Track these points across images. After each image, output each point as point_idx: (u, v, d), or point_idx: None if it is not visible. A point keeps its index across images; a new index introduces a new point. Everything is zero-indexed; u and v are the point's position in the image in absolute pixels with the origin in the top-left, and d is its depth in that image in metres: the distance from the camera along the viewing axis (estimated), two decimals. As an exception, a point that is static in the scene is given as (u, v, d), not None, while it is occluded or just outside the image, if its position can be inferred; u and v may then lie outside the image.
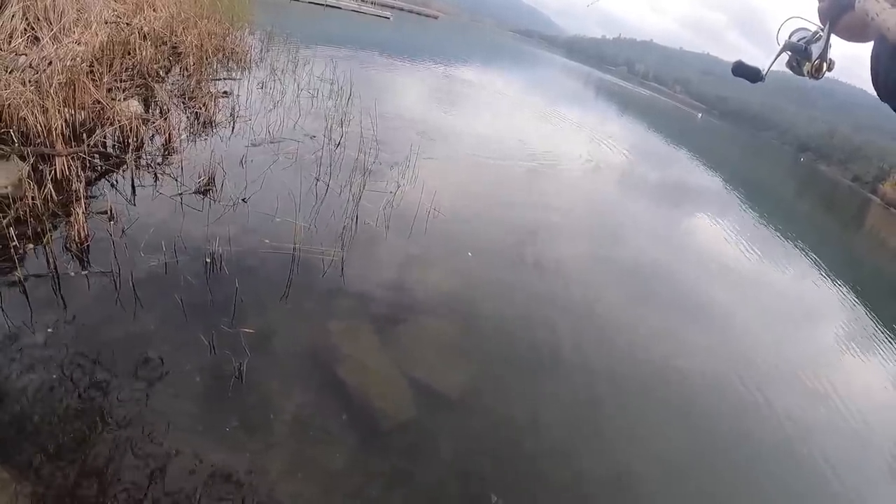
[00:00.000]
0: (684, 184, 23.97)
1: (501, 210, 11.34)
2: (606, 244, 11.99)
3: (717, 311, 10.58)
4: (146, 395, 4.44)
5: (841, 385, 9.28)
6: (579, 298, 8.82)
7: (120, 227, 6.41)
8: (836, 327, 13.01)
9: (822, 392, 8.91)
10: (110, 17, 12.23)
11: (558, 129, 24.68)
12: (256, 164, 9.05)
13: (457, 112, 19.78)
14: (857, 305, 14.86)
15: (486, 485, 4.87)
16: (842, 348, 11.56)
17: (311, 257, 7.02)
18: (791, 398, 8.31)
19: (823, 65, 1.65)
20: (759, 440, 7.02)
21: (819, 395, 8.76)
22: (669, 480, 5.81)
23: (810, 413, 8.21)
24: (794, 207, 33.91)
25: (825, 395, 8.85)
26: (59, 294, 5.20)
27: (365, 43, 30.50)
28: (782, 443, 7.21)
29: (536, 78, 55.06)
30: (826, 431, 7.93)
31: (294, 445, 4.57)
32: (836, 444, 7.72)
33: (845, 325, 13.31)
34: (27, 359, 4.40)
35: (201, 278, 6.04)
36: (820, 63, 1.63)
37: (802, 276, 16.27)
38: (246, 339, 5.27)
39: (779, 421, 7.59)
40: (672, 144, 38.23)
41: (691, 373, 7.84)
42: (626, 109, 53.51)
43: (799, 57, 1.71)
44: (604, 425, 6.26)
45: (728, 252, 15.46)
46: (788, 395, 8.38)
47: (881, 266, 26.94)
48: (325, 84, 15.61)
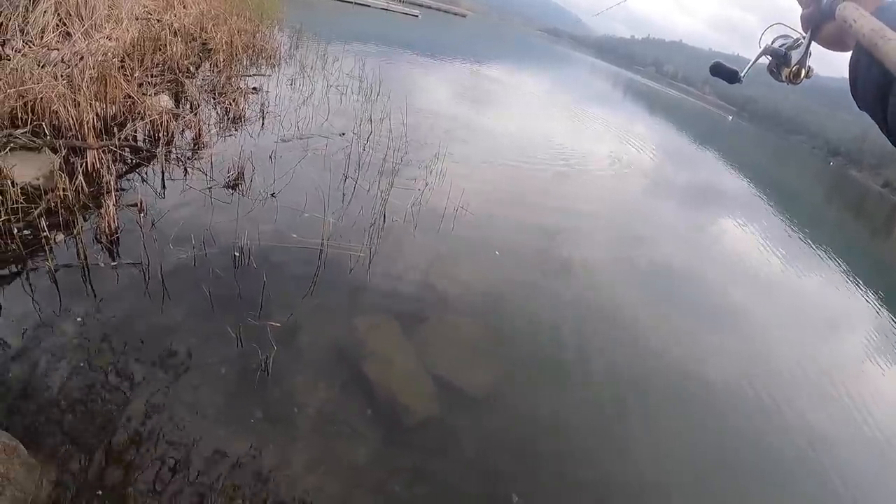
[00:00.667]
0: (711, 187, 23.77)
1: (529, 210, 11.30)
2: (633, 247, 11.91)
3: (742, 316, 10.48)
4: (173, 386, 4.47)
5: (865, 395, 9.16)
6: (605, 301, 8.77)
7: (150, 219, 6.46)
8: (863, 336, 12.84)
9: (847, 402, 8.81)
10: (141, 13, 12.34)
11: (587, 129, 24.60)
12: (285, 160, 9.08)
13: (485, 111, 19.76)
14: (883, 314, 14.67)
15: (508, 485, 4.85)
16: (867, 358, 11.41)
17: (338, 253, 7.03)
18: (815, 406, 8.23)
19: (802, 71, 1.61)
20: (781, 448, 6.95)
21: (843, 405, 8.66)
22: (691, 487, 5.77)
23: (834, 423, 8.12)
24: (823, 213, 33.52)
25: (849, 405, 8.75)
26: (88, 284, 5.25)
27: (394, 41, 30.54)
28: (804, 451, 7.13)
29: (565, 77, 54.98)
30: (848, 442, 7.84)
31: (317, 439, 4.58)
32: (858, 456, 7.63)
33: (872, 334, 13.13)
34: (57, 348, 4.45)
35: (229, 271, 6.07)
36: (798, 69, 1.60)
37: (829, 282, 16.09)
38: (273, 333, 5.27)
39: (802, 429, 7.52)
40: (700, 146, 38.00)
41: (715, 378, 7.78)
42: (654, 110, 53.31)
43: (778, 62, 1.69)
44: (627, 429, 6.22)
45: (755, 257, 15.31)
46: (812, 403, 8.30)
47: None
48: (353, 81, 15.66)
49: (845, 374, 10.17)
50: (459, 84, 24.35)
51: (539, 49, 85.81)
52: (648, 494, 5.43)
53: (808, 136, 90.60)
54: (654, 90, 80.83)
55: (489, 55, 45.58)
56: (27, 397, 4.01)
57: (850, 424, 8.29)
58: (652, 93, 76.35)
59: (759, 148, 61.70)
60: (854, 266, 18.54)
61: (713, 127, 63.11)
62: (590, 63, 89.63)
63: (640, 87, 77.96)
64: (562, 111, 27.02)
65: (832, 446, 7.49)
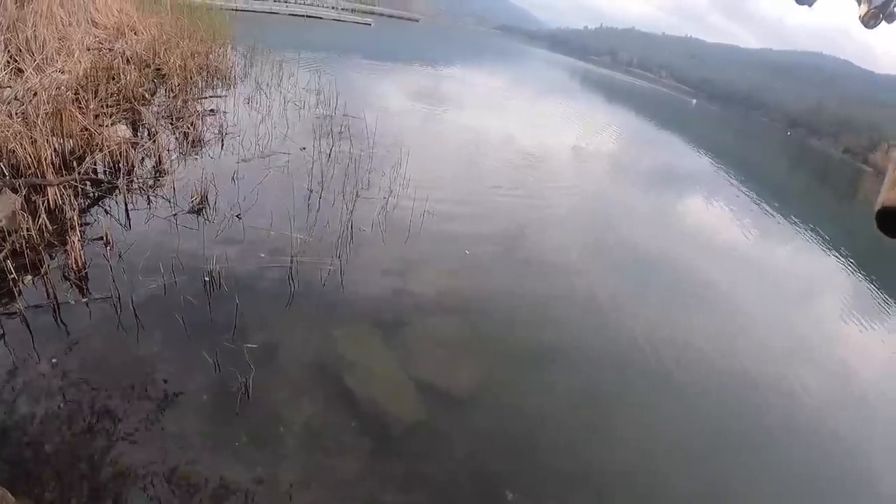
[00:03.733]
0: (677, 168, 24.01)
1: (496, 205, 11.36)
2: (603, 232, 12.00)
3: (719, 292, 10.60)
4: (154, 417, 4.46)
5: (849, 356, 9.33)
6: (580, 289, 8.84)
7: (116, 252, 6.42)
8: (838, 297, 13.07)
9: (830, 365, 8.96)
10: (92, 43, 12.25)
11: (548, 121, 24.77)
12: (248, 180, 9.06)
13: (446, 111, 19.82)
14: (858, 275, 14.90)
15: (501, 482, 4.90)
16: (847, 320, 11.60)
17: (309, 268, 7.04)
18: (800, 373, 8.34)
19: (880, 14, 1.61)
20: (770, 419, 7.05)
21: (827, 368, 8.81)
22: (683, 466, 5.83)
23: (820, 388, 8.24)
24: (789, 183, 33.96)
25: (833, 368, 8.91)
26: (60, 323, 5.21)
27: (348, 50, 30.51)
28: (794, 419, 7.25)
29: (521, 72, 55.10)
30: (835, 404, 7.98)
31: (305, 456, 4.59)
32: (848, 416, 7.76)
33: (849, 296, 13.36)
34: (33, 390, 4.42)
35: (201, 297, 6.05)
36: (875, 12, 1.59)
37: (802, 250, 16.34)
38: (250, 355, 5.28)
39: (789, 398, 7.63)
40: (663, 130, 38.34)
41: (697, 357, 7.86)
42: (613, 98, 53.61)
43: None
44: (613, 415, 6.28)
45: (725, 231, 15.52)
46: (797, 370, 8.41)
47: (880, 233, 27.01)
48: (311, 94, 15.61)
49: (825, 335, 10.38)
50: (417, 87, 24.38)
51: (494, 46, 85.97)
52: (641, 479, 5.49)
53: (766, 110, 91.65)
54: (611, 78, 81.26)
55: (445, 56, 45.62)
56: (9, 443, 3.98)
57: (833, 384, 8.44)
58: (610, 81, 76.73)
59: (720, 127, 62.23)
60: (823, 230, 18.83)
61: (675, 111, 63.57)
62: (545, 57, 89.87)
63: (598, 76, 78.42)
64: (521, 106, 27.19)
65: (821, 411, 7.61)
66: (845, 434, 7.36)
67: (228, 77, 15.77)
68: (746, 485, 5.95)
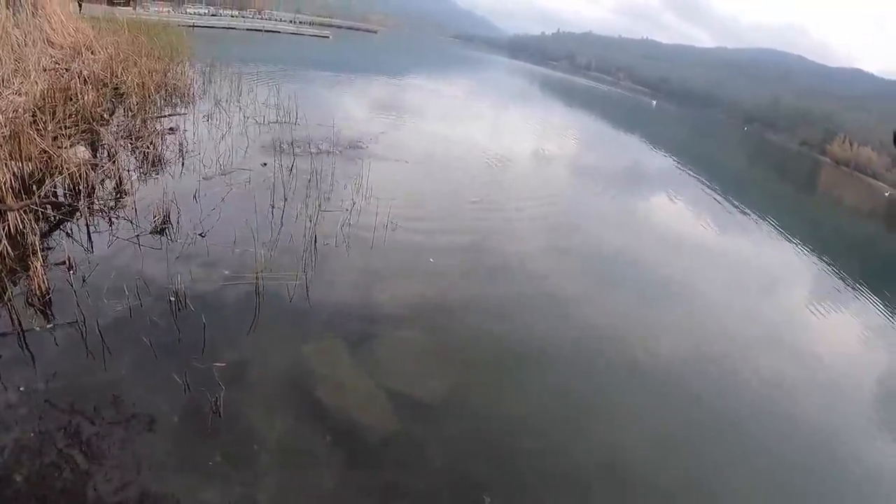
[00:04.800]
0: (639, 168, 24.24)
1: (459, 213, 11.42)
2: (569, 234, 12.10)
3: (685, 286, 10.74)
4: (126, 441, 4.44)
5: (815, 340, 9.52)
6: (547, 291, 8.92)
7: (80, 275, 6.38)
8: (804, 287, 13.33)
9: (798, 350, 9.15)
10: (48, 63, 12.17)
11: (508, 127, 24.93)
12: (210, 198, 9.04)
13: (405, 121, 19.86)
14: (820, 263, 15.18)
15: (478, 487, 4.93)
16: (811, 306, 11.82)
17: (275, 284, 7.03)
18: (768, 360, 8.51)
19: None
20: (742, 405, 7.17)
21: (795, 354, 8.99)
22: (659, 457, 5.90)
23: (788, 372, 8.39)
24: (748, 177, 34.40)
25: (800, 353, 9.08)
26: (26, 350, 5.17)
27: (307, 64, 30.50)
28: (765, 404, 7.38)
29: (481, 80, 55.30)
30: (804, 388, 8.14)
31: (281, 473, 4.59)
32: (817, 399, 7.92)
33: (812, 284, 13.62)
34: (1, 420, 4.38)
35: (167, 318, 6.03)
36: None
37: (764, 242, 16.61)
38: (219, 373, 5.28)
39: (759, 384, 7.77)
40: (622, 131, 38.67)
41: (666, 350, 7.96)
42: (572, 102, 53.93)
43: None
44: (587, 413, 6.36)
45: (689, 228, 15.73)
46: (763, 358, 8.56)
47: (839, 222, 27.51)
48: (271, 109, 15.58)
49: (791, 322, 10.58)
50: (377, 98, 24.41)
51: (453, 55, 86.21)
52: (617, 473, 5.56)
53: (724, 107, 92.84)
54: (570, 82, 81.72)
55: (404, 67, 45.76)
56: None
57: (801, 368, 8.60)
58: (569, 85, 77.14)
59: (678, 125, 62.77)
60: (785, 222, 19.08)
61: (635, 112, 64.08)
62: (504, 63, 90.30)
63: (557, 80, 78.87)
64: (482, 113, 27.31)
65: (790, 395, 7.75)
66: (816, 417, 7.53)
67: (187, 94, 15.71)
68: (721, 471, 6.07)
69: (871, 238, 24.86)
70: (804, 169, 49.65)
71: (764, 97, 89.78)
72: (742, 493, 5.85)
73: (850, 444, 7.21)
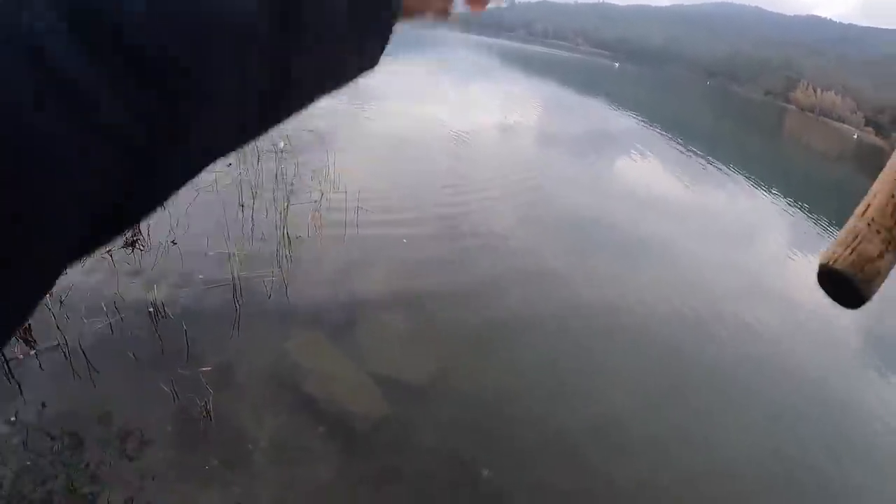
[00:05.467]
0: (606, 130, 24.24)
1: (429, 191, 11.45)
2: (542, 203, 12.15)
3: (662, 245, 10.84)
4: (122, 456, 4.48)
5: (797, 287, 9.62)
6: (526, 261, 9.00)
7: (57, 298, 6.36)
8: (781, 234, 13.47)
9: (778, 297, 9.26)
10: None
11: (470, 102, 24.81)
12: (178, 204, 8.93)
13: (366, 106, 19.69)
14: (794, 209, 15.33)
15: (475, 462, 5.02)
16: (788, 253, 11.98)
17: (252, 283, 7.07)
18: (748, 309, 8.61)
19: None
20: (729, 355, 7.31)
21: (775, 301, 9.10)
22: (649, 412, 6.03)
23: (769, 319, 8.52)
24: (715, 130, 34.53)
25: (781, 300, 9.21)
26: (12, 380, 5.18)
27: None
28: (750, 353, 7.51)
29: (438, 58, 54.60)
30: (788, 333, 8.26)
31: (278, 469, 4.66)
32: (801, 344, 8.06)
33: (788, 231, 13.77)
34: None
35: (149, 330, 6.04)
36: None
37: (737, 193, 16.77)
38: (206, 378, 5.32)
39: (741, 332, 7.91)
40: (586, 95, 38.64)
41: (648, 309, 8.07)
42: (532, 71, 53.58)
43: None
44: (575, 378, 6.45)
45: (662, 185, 15.86)
46: (745, 306, 8.68)
47: (810, 167, 27.72)
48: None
49: (772, 269, 10.69)
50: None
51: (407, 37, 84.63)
52: (610, 433, 5.67)
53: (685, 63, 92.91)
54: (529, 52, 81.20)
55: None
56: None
57: (784, 314, 8.72)
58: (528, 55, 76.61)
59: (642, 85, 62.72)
60: (756, 171, 19.28)
61: (598, 75, 63.90)
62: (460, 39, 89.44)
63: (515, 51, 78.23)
64: (442, 91, 27.20)
65: (775, 345, 7.88)
66: (803, 362, 7.68)
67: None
68: (713, 420, 6.20)
69: (842, 180, 25.09)
70: (770, 118, 50.06)
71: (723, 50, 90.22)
72: (734, 438, 5.99)
73: (840, 388, 7.36)
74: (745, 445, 6.01)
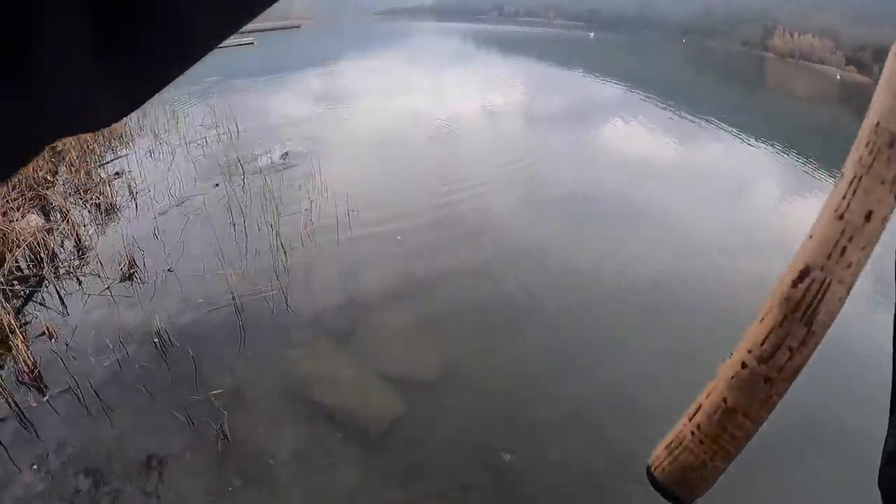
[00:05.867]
0: (586, 101, 24.04)
1: (418, 185, 11.47)
2: (534, 183, 12.12)
3: (658, 209, 10.77)
4: (146, 490, 4.52)
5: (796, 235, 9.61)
6: (523, 243, 8.99)
7: (62, 341, 6.42)
8: (776, 184, 13.43)
9: (781, 248, 9.20)
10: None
11: (449, 90, 24.76)
12: (170, 232, 9.05)
13: (347, 108, 19.65)
14: (787, 156, 15.31)
15: (495, 447, 5.05)
16: (786, 201, 11.97)
17: (252, 301, 7.11)
18: (759, 261, 8.56)
19: None
20: (734, 309, 7.23)
21: (778, 251, 9.04)
22: (664, 378, 5.97)
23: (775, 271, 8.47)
24: (697, 88, 34.25)
25: (784, 250, 9.15)
26: (29, 429, 5.23)
27: (236, 76, 30.03)
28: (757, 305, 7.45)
29: (412, 49, 54.44)
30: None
31: (302, 480, 4.70)
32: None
33: (785, 178, 13.74)
34: (24, 502, 4.46)
35: (156, 360, 6.09)
36: None
37: (727, 148, 16.67)
38: (218, 401, 5.37)
39: (746, 286, 7.85)
40: (564, 68, 38.34)
41: (652, 275, 8.04)
42: (509, 51, 53.20)
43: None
44: (585, 352, 6.46)
45: (652, 150, 15.77)
46: (752, 262, 8.61)
47: (797, 112, 27.57)
48: (210, 130, 15.47)
49: (770, 221, 10.64)
50: (312, 92, 24.03)
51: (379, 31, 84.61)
52: (629, 405, 5.64)
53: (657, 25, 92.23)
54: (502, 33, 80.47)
55: (333, 54, 44.91)
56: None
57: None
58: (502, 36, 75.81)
59: (618, 52, 62.09)
60: (743, 123, 19.15)
61: (574, 47, 63.36)
62: (433, 28, 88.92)
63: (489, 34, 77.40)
64: (419, 81, 27.09)
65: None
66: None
67: (125, 135, 15.55)
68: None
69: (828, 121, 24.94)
70: (751, 68, 49.43)
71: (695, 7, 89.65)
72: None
73: (861, 346, 7.26)
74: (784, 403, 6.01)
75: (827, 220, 0.56)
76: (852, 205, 0.54)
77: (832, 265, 0.54)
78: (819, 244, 0.56)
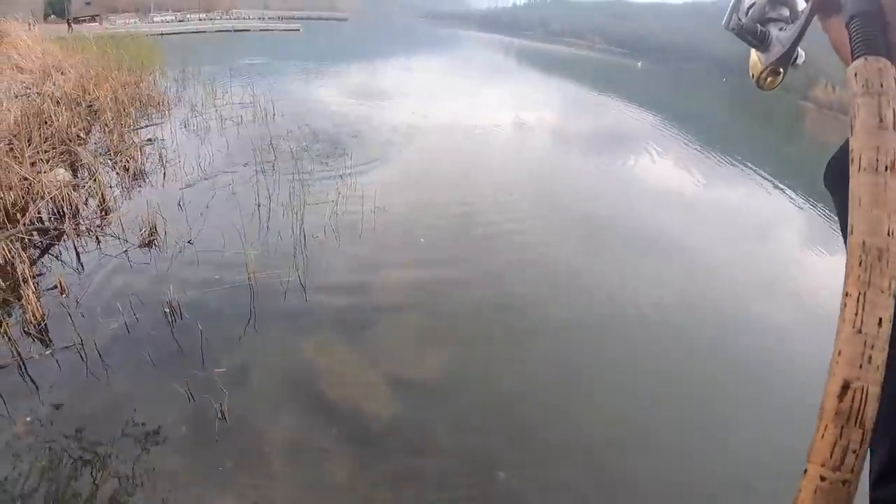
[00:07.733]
0: (623, 129, 23.96)
1: (444, 192, 11.38)
2: (560, 200, 12.04)
3: (680, 242, 10.66)
4: (137, 458, 4.47)
5: (815, 285, 9.48)
6: (539, 258, 8.92)
7: (73, 298, 6.40)
8: (799, 231, 13.28)
9: (796, 294, 9.09)
10: (19, 89, 12.14)
11: (488, 102, 24.66)
12: (195, 204, 9.04)
13: (384, 106, 19.69)
14: (814, 206, 15.14)
15: (490, 463, 4.94)
16: (808, 250, 11.82)
17: (268, 283, 7.06)
18: (766, 306, 8.45)
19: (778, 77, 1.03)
20: (743, 351, 7.12)
21: (793, 298, 8.93)
22: (664, 410, 5.88)
23: (788, 315, 8.37)
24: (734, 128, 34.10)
25: (799, 296, 9.03)
26: (28, 380, 5.20)
27: (280, 59, 30.15)
28: (770, 347, 7.34)
29: (455, 57, 54.55)
30: (806, 329, 8.09)
31: (293, 471, 4.63)
32: (819, 341, 7.91)
33: (807, 228, 13.57)
34: (13, 451, 4.40)
35: (164, 330, 6.05)
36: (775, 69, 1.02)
37: (755, 191, 16.49)
38: (221, 379, 5.31)
39: (759, 328, 7.74)
40: (604, 94, 38.25)
41: (665, 307, 7.94)
42: (552, 70, 53.20)
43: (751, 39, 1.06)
44: (591, 377, 6.34)
45: (679, 184, 15.61)
46: (763, 303, 8.51)
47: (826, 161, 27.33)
48: (247, 109, 15.52)
49: (789, 267, 10.50)
50: (352, 85, 24.09)
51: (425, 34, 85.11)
52: (627, 432, 5.53)
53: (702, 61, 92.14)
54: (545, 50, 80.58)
55: (375, 51, 45.30)
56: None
57: (802, 310, 8.57)
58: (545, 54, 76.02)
59: (661, 83, 62.23)
60: (775, 170, 18.98)
61: (618, 74, 63.43)
62: (477, 38, 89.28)
63: (532, 50, 77.62)
64: (458, 90, 27.05)
65: (792, 334, 7.74)
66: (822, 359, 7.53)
67: (162, 104, 15.63)
68: (729, 416, 6.06)
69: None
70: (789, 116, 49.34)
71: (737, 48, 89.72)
72: (750, 436, 5.89)
73: None
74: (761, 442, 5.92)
75: (849, 336, 0.61)
76: (865, 319, 0.60)
77: (865, 374, 0.59)
78: (850, 360, 0.61)
